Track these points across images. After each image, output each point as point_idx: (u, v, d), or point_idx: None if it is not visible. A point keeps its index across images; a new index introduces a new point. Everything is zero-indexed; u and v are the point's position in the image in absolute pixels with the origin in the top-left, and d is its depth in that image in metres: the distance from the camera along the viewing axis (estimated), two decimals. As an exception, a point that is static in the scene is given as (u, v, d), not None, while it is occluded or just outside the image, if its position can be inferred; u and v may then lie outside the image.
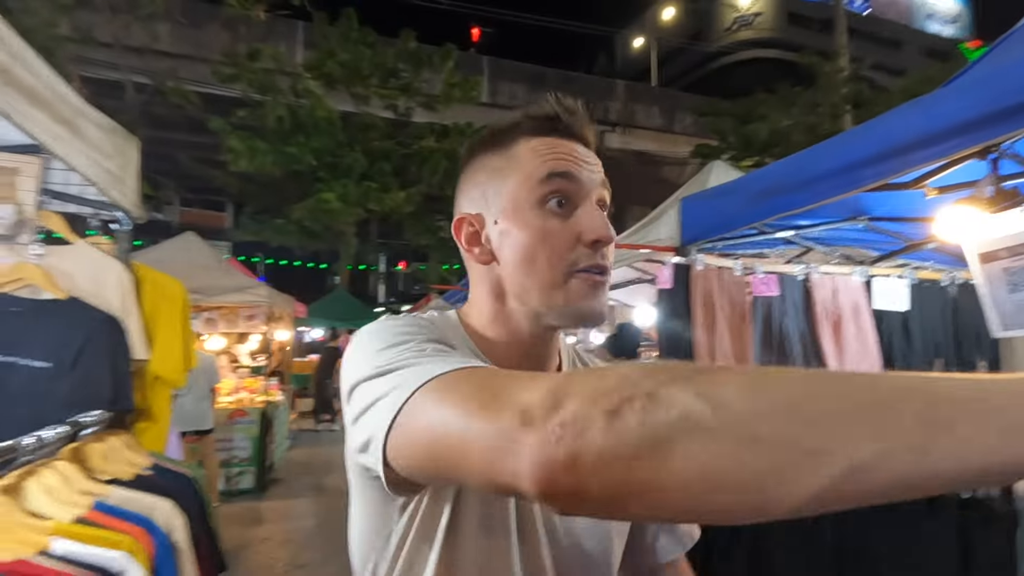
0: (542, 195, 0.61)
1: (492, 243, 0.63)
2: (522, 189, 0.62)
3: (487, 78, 15.53)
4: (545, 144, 0.63)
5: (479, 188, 0.65)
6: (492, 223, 0.63)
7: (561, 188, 0.61)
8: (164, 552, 1.26)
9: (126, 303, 1.69)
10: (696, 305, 2.40)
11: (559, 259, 0.60)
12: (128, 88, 10.63)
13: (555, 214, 0.61)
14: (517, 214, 0.61)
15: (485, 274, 0.65)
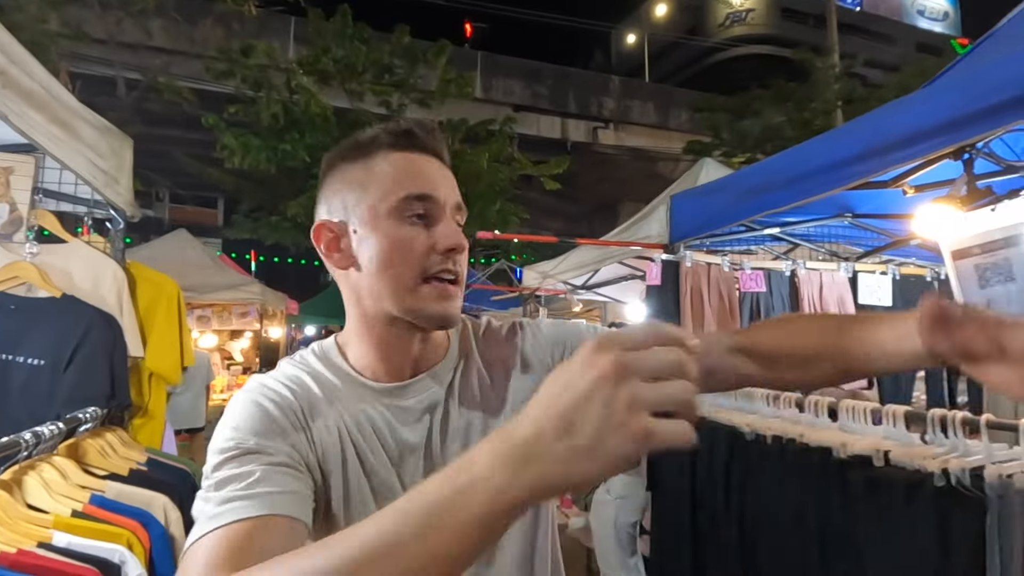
0: (401, 209, 0.65)
1: (351, 249, 0.67)
2: (382, 202, 0.65)
3: (481, 74, 15.49)
4: (404, 160, 0.67)
5: (339, 197, 0.68)
6: (352, 231, 0.67)
7: (420, 208, 0.66)
8: (161, 545, 1.29)
9: (121, 301, 1.71)
10: (685, 301, 2.45)
11: (412, 265, 0.65)
12: (120, 84, 10.57)
13: (412, 224, 0.65)
14: (376, 223, 0.65)
15: (344, 280, 0.69)
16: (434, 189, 0.66)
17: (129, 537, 1.17)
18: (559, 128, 18.00)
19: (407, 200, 0.65)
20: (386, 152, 0.67)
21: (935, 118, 1.39)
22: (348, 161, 0.69)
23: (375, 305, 0.66)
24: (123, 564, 1.10)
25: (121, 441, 1.61)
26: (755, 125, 12.79)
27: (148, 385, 1.81)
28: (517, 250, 13.08)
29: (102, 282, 1.70)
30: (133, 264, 1.83)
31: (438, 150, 0.70)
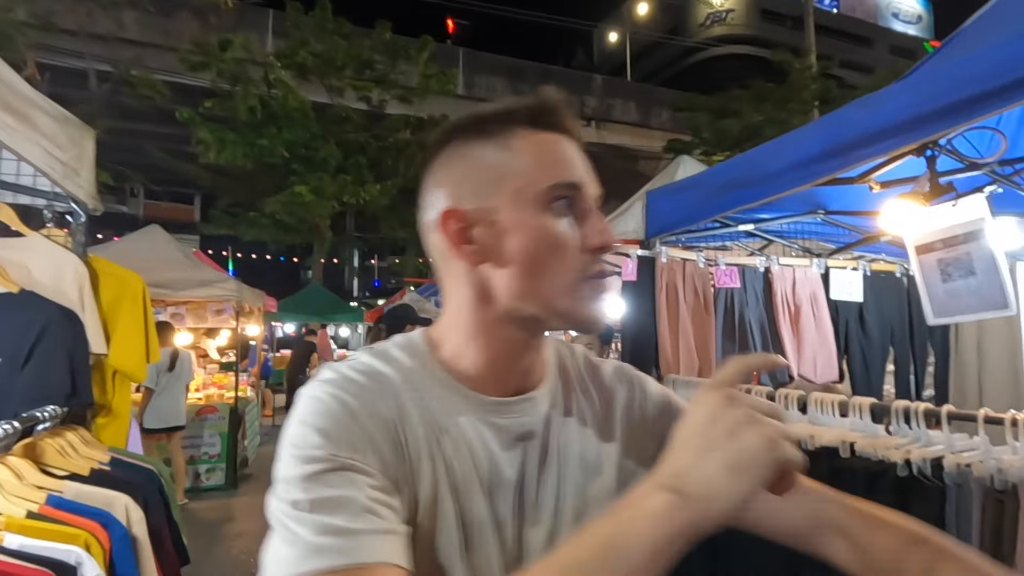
0: (550, 198, 0.57)
1: (487, 242, 0.57)
2: (528, 188, 0.56)
3: (463, 71, 15.43)
4: (547, 142, 0.58)
5: (470, 181, 0.58)
6: (486, 220, 0.57)
7: (568, 195, 0.57)
8: (122, 545, 1.26)
9: (83, 296, 1.67)
10: (660, 297, 2.46)
11: (568, 265, 0.57)
12: (92, 77, 10.31)
13: (562, 217, 0.57)
14: (522, 214, 0.56)
15: (468, 276, 0.59)
16: (580, 177, 0.59)
17: (87, 538, 1.13)
18: (542, 125, 17.96)
19: (556, 189, 0.57)
20: (525, 131, 0.58)
21: (899, 115, 1.42)
22: (477, 139, 0.59)
23: (511, 305, 0.57)
24: (79, 565, 1.07)
25: (83, 440, 1.56)
26: (735, 124, 12.94)
27: (112, 383, 1.76)
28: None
29: (63, 277, 1.65)
30: (96, 259, 1.78)
31: (577, 132, 0.61)
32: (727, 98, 13.78)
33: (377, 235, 14.54)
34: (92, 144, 1.69)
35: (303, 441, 0.52)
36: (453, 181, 0.59)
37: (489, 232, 0.57)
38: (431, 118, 11.53)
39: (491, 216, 0.57)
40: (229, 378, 6.07)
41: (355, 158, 10.98)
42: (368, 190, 10.55)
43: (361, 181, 10.79)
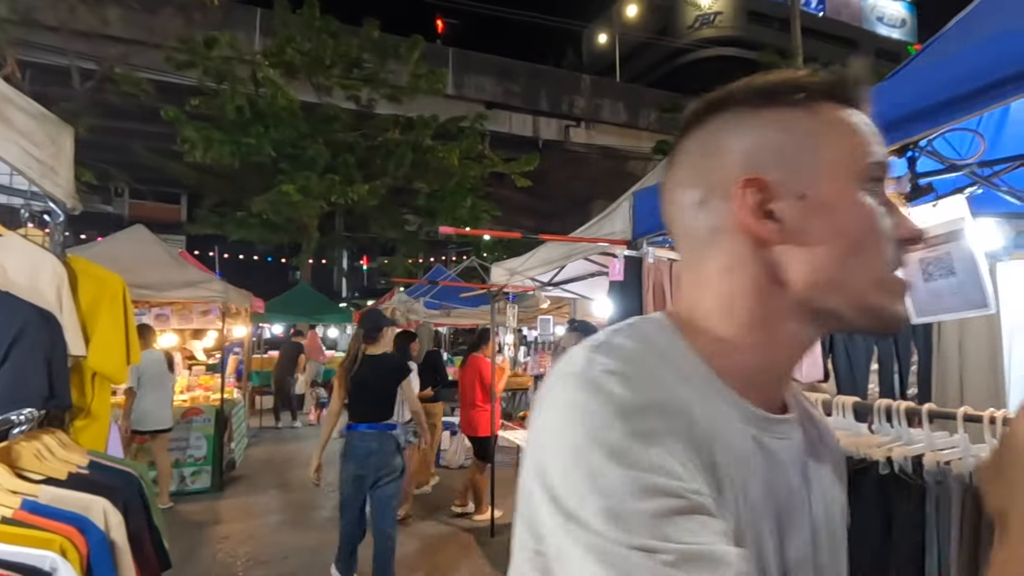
0: (868, 177, 0.49)
1: (791, 218, 0.49)
2: (849, 163, 0.49)
3: (452, 70, 15.40)
4: (857, 118, 0.51)
5: (773, 146, 0.50)
6: (794, 193, 0.49)
7: (882, 176, 0.50)
8: (100, 550, 1.24)
9: (61, 297, 1.64)
10: (647, 297, 2.47)
11: (884, 254, 0.49)
12: (75, 74, 10.16)
13: (876, 200, 0.50)
14: (843, 191, 0.49)
15: (755, 256, 0.50)
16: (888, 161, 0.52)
17: (62, 543, 1.11)
18: (531, 126, 18.02)
19: (875, 168, 0.49)
20: (831, 105, 0.51)
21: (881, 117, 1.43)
22: (778, 105, 0.51)
23: (809, 295, 0.49)
24: (54, 571, 1.05)
25: (60, 444, 1.53)
26: (722, 126, 13.05)
27: (91, 385, 1.73)
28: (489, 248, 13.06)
29: (40, 277, 1.61)
30: (75, 259, 1.75)
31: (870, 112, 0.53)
32: (714, 99, 13.89)
33: (367, 235, 14.47)
34: (70, 142, 1.66)
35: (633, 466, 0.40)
36: (749, 147, 0.50)
37: (797, 207, 0.49)
38: (420, 118, 11.50)
39: (802, 189, 0.49)
40: (215, 380, 6.00)
41: (343, 157, 10.92)
42: (357, 190, 10.50)
43: (349, 181, 10.73)
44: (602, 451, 0.40)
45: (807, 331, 0.51)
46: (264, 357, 10.80)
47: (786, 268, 0.49)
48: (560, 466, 0.42)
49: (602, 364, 0.45)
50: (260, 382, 10.27)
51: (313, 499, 5.28)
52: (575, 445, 0.41)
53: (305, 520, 4.85)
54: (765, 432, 0.50)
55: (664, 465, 0.40)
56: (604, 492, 0.39)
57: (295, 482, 5.97)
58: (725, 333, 0.50)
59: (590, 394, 0.43)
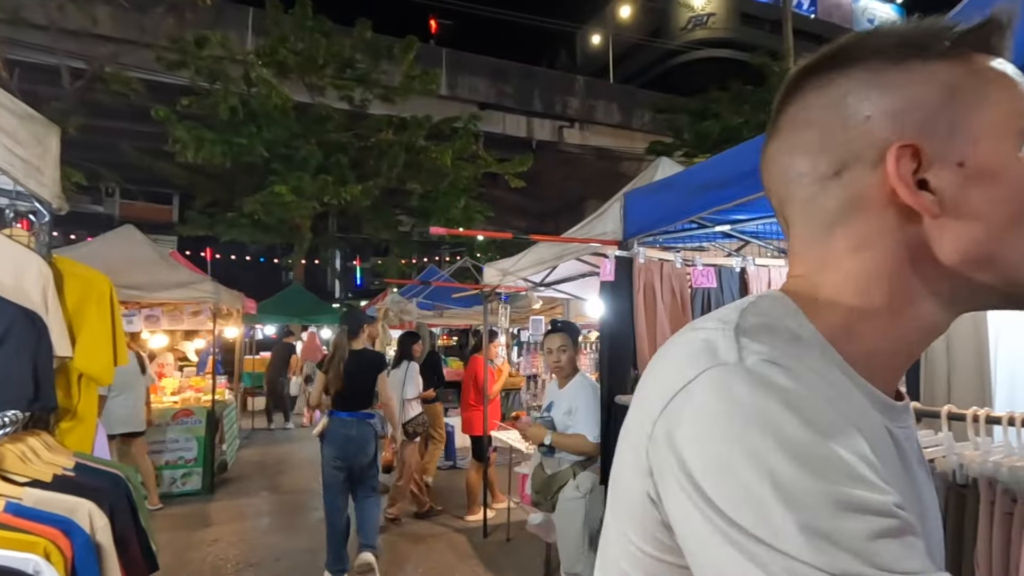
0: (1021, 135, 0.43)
1: (948, 188, 0.43)
2: (1010, 122, 0.43)
3: (446, 71, 15.38)
4: (1013, 70, 0.45)
5: (921, 109, 0.44)
6: (952, 161, 0.43)
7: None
8: (85, 553, 1.23)
9: (47, 297, 1.62)
10: (638, 297, 2.48)
11: None
12: (65, 74, 10.06)
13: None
14: (1005, 154, 0.43)
15: (900, 231, 0.44)
16: None
17: (46, 546, 1.10)
18: (525, 127, 18.03)
19: None
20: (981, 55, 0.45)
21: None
22: (925, 55, 0.44)
23: (963, 271, 0.44)
24: (37, 574, 1.04)
25: (46, 446, 1.52)
26: (714, 126, 13.10)
27: (77, 387, 1.72)
28: (483, 248, 13.05)
29: (25, 278, 1.60)
30: (61, 259, 1.74)
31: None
32: (707, 100, 13.96)
33: (360, 236, 14.42)
34: (56, 142, 1.65)
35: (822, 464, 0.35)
36: (896, 108, 0.44)
37: (955, 176, 0.43)
38: (413, 118, 11.48)
39: (960, 155, 0.43)
40: (206, 381, 5.96)
41: (336, 157, 10.88)
42: (349, 190, 10.46)
43: (342, 181, 10.70)
44: (787, 455, 0.34)
45: (945, 313, 0.46)
46: (256, 358, 10.74)
47: (938, 243, 0.43)
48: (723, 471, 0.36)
49: (757, 352, 0.40)
50: (252, 383, 10.22)
51: (305, 501, 5.26)
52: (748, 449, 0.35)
53: (296, 522, 4.83)
54: (894, 421, 0.46)
55: (858, 471, 0.35)
56: (796, 505, 0.33)
57: (287, 484, 5.94)
58: (856, 316, 0.45)
59: (755, 388, 0.38)
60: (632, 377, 2.45)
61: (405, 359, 4.88)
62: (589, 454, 2.67)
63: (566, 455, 2.75)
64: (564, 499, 2.74)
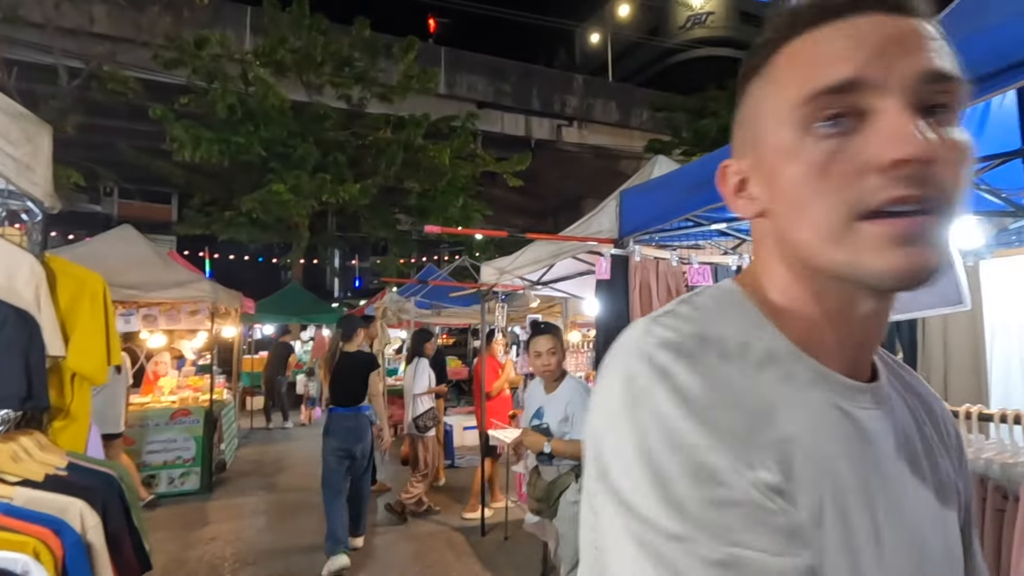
0: (804, 116, 0.42)
1: (757, 191, 0.47)
2: (778, 112, 0.44)
3: (444, 69, 15.36)
4: (821, 38, 0.42)
5: (742, 127, 0.49)
6: (757, 168, 0.47)
7: (836, 101, 0.41)
8: (76, 552, 1.22)
9: (39, 296, 1.62)
10: (633, 295, 2.47)
11: (835, 199, 0.41)
12: (62, 73, 10.04)
13: (828, 136, 0.41)
14: (777, 148, 0.44)
15: (759, 231, 0.49)
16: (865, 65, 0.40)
17: (36, 545, 1.10)
18: (523, 125, 18.02)
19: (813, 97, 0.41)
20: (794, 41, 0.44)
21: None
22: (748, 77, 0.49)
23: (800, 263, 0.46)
24: (26, 573, 1.03)
25: (38, 445, 1.52)
26: (713, 125, 13.09)
27: (71, 386, 1.71)
28: (482, 247, 13.03)
29: (17, 276, 1.59)
30: (53, 258, 1.73)
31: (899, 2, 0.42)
32: (705, 99, 13.95)
33: (358, 235, 14.41)
34: (48, 140, 1.64)
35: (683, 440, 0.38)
36: (735, 131, 0.51)
37: (758, 180, 0.47)
38: (412, 117, 11.46)
39: (756, 158, 0.47)
40: (204, 381, 5.95)
41: (334, 156, 10.86)
42: (348, 189, 10.45)
43: (340, 180, 10.68)
44: (657, 431, 0.39)
45: (850, 294, 0.45)
46: (255, 358, 10.74)
47: (773, 239, 0.48)
48: (612, 444, 0.40)
49: (657, 337, 0.43)
50: (251, 383, 10.21)
51: (303, 500, 5.26)
52: (629, 423, 0.40)
53: (294, 521, 4.82)
54: (850, 401, 0.46)
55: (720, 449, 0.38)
56: (657, 476, 0.37)
57: (285, 483, 5.94)
58: (780, 301, 0.48)
59: (642, 368, 0.41)
60: (628, 375, 2.45)
61: (417, 355, 5.01)
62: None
63: (565, 460, 2.70)
64: (566, 503, 2.68)
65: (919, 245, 0.40)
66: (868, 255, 0.40)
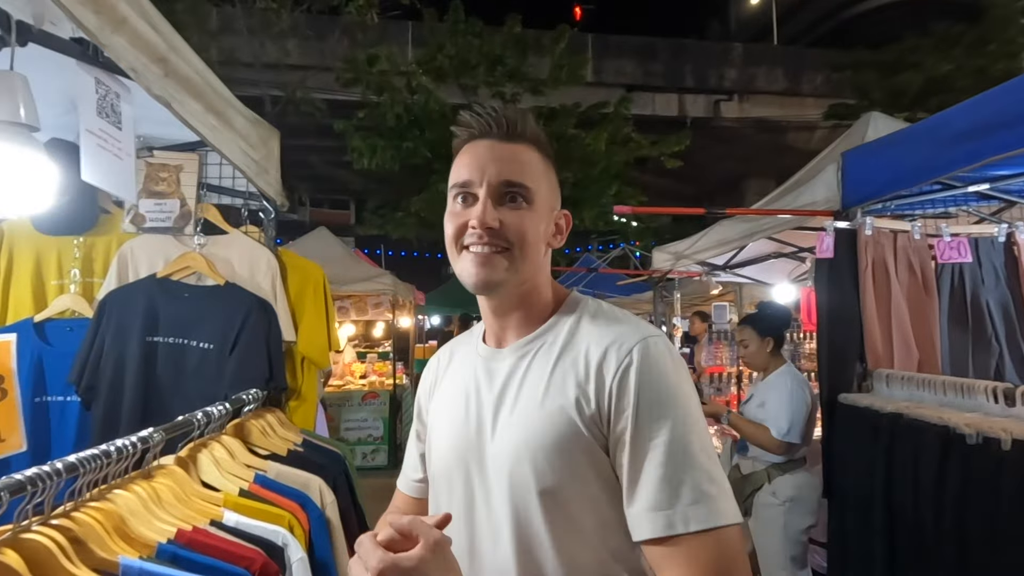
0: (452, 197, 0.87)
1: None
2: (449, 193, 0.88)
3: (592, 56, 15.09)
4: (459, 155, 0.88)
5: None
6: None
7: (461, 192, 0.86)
8: (319, 527, 1.28)
9: (275, 287, 1.78)
10: (865, 276, 2.06)
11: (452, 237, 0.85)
12: (267, 102, 11.75)
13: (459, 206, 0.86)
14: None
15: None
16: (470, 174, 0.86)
17: (290, 519, 1.16)
18: (676, 105, 17.07)
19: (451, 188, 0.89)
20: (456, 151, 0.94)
21: None
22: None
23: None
24: (286, 547, 1.09)
25: (279, 422, 1.66)
26: (915, 79, 11.06)
27: (301, 369, 1.87)
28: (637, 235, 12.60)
29: (258, 270, 1.77)
30: (283, 252, 1.90)
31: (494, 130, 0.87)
32: (902, 50, 11.86)
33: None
34: (277, 144, 1.79)
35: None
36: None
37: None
38: (563, 107, 11.41)
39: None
40: (387, 366, 6.50)
41: (490, 153, 11.22)
42: (504, 183, 10.73)
43: (496, 175, 11.00)
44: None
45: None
46: (425, 346, 11.59)
47: None
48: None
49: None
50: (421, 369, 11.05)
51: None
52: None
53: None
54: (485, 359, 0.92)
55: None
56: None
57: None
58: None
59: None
60: (859, 372, 2.05)
61: None
62: (769, 450, 2.45)
63: (761, 455, 2.56)
64: (760, 504, 2.52)
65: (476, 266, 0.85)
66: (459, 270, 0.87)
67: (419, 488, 1.04)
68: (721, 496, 0.70)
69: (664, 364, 0.77)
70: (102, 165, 1.00)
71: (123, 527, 0.89)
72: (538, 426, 0.78)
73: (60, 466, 0.81)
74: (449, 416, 0.91)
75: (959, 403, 1.66)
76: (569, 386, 0.78)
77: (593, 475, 0.76)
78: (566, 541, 0.75)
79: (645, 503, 0.71)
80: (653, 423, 0.73)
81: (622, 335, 0.79)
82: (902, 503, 1.71)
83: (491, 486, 0.81)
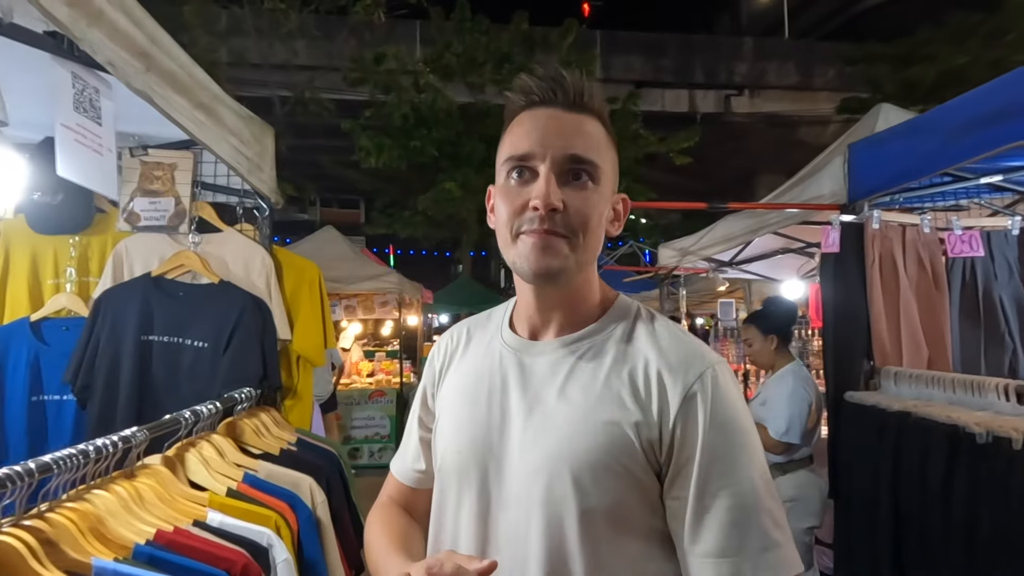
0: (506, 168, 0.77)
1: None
2: (499, 160, 0.79)
3: (600, 53, 15.00)
4: (514, 124, 0.77)
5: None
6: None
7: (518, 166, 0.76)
8: (308, 528, 1.27)
9: (270, 285, 1.76)
10: (872, 271, 2.01)
11: (510, 221, 0.75)
12: (276, 103, 11.81)
13: (515, 183, 0.76)
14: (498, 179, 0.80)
15: None
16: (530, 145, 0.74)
17: (277, 520, 1.14)
18: (686, 101, 16.93)
19: (506, 161, 0.78)
20: (509, 120, 0.81)
21: None
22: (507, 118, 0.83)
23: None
24: (271, 548, 1.07)
25: (274, 421, 1.65)
26: (928, 71, 10.85)
27: (296, 367, 1.86)
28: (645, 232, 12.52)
29: (252, 268, 1.76)
30: (278, 249, 1.89)
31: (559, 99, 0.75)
32: (915, 42, 11.65)
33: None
34: (271, 141, 1.78)
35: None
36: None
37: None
38: (571, 104, 11.36)
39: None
40: (394, 365, 6.51)
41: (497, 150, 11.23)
42: (511, 182, 10.72)
43: (505, 173, 11.00)
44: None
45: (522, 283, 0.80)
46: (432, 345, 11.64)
47: None
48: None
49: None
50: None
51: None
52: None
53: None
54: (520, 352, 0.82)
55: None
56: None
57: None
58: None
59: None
60: (866, 369, 2.00)
61: None
62: (768, 450, 2.44)
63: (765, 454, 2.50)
64: None
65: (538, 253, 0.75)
66: (514, 259, 0.76)
67: (419, 479, 0.95)
68: (787, 544, 0.67)
69: (733, 396, 0.72)
70: (80, 160, 0.99)
71: (100, 528, 0.88)
72: (587, 439, 0.70)
73: (32, 466, 0.80)
74: (465, 408, 0.82)
75: (969, 401, 1.61)
76: (626, 399, 0.71)
77: (638, 498, 0.71)
78: (603, 565, 0.69)
79: (711, 546, 0.67)
80: (722, 461, 0.69)
81: (688, 357, 0.73)
82: (910, 503, 1.66)
83: (512, 496, 0.73)
